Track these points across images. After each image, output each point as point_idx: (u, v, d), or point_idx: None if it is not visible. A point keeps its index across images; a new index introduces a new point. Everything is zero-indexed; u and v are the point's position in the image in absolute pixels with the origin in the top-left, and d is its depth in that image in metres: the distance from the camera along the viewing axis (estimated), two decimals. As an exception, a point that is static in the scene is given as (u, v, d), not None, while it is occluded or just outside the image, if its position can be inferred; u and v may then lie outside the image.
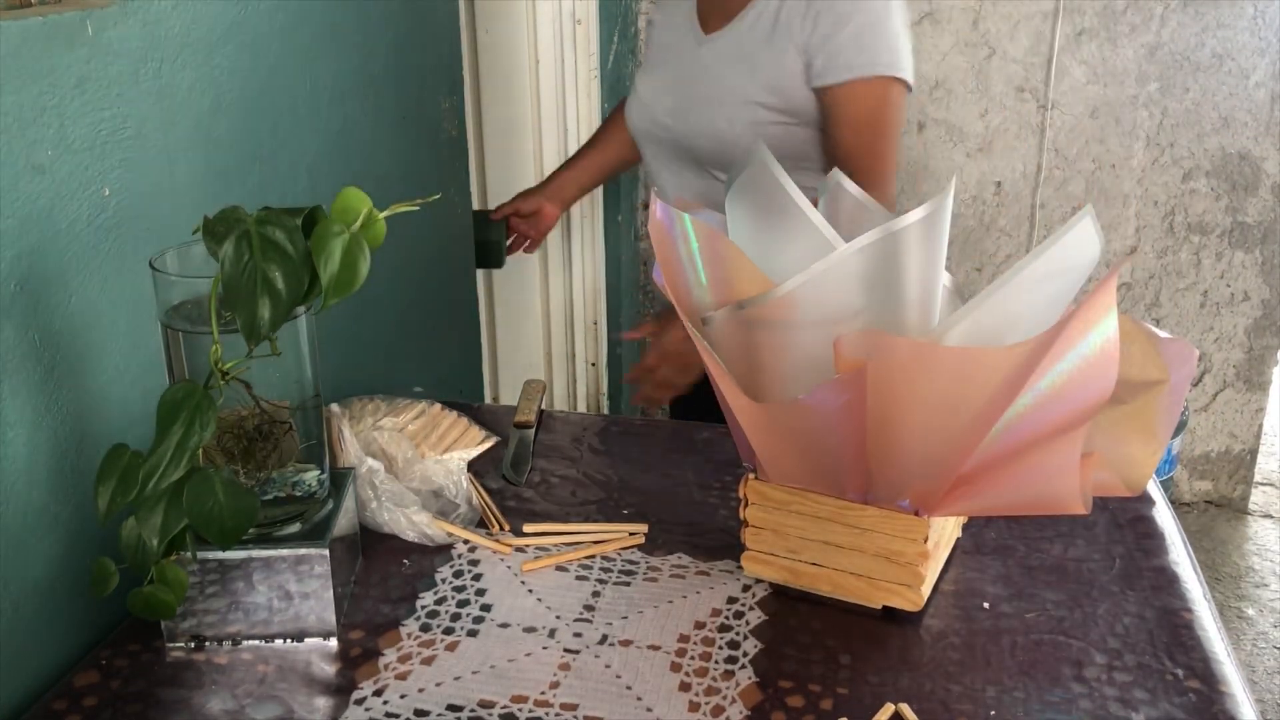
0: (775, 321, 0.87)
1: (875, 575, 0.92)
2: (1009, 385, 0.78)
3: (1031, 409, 0.79)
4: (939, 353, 0.80)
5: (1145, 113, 2.70)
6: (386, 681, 0.85)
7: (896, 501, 0.89)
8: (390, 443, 1.09)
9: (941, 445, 0.83)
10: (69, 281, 0.88)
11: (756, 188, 0.96)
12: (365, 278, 0.81)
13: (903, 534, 0.89)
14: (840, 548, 0.92)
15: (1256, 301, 2.82)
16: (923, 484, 0.87)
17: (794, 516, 0.93)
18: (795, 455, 0.90)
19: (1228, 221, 2.77)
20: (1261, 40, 2.61)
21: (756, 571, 0.96)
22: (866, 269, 0.84)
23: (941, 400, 0.81)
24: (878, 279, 0.85)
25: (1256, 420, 2.92)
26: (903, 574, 0.91)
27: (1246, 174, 2.72)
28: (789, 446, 0.90)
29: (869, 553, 0.91)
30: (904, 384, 0.81)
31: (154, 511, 0.79)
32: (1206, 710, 0.82)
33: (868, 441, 0.85)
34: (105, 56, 0.90)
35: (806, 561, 0.94)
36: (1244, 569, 2.70)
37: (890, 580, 0.91)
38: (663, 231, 0.92)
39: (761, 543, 0.95)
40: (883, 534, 0.90)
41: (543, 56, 2.09)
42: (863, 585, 0.92)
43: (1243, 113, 2.67)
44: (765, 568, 0.96)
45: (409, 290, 1.53)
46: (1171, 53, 2.65)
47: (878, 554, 0.91)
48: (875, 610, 0.93)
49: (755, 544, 0.96)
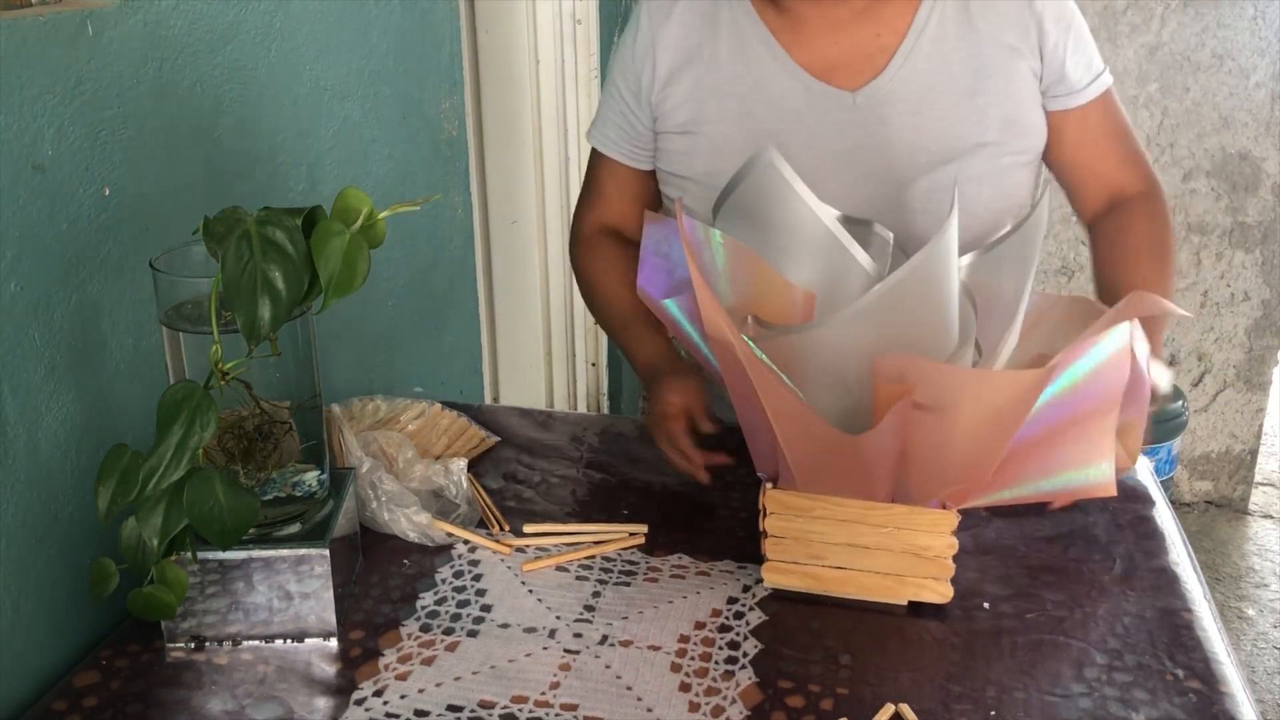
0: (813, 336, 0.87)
1: (903, 572, 0.91)
2: (1030, 397, 0.81)
3: (1054, 403, 0.82)
4: (978, 378, 0.82)
5: (1145, 113, 2.70)
6: (386, 682, 0.85)
7: (928, 503, 0.90)
8: (390, 443, 1.09)
9: (978, 453, 0.84)
10: (69, 281, 0.88)
11: (763, 196, 0.93)
12: (365, 278, 0.81)
13: (931, 528, 0.89)
14: (866, 548, 0.91)
15: (1256, 301, 2.82)
16: (956, 487, 0.88)
17: (817, 522, 0.92)
18: (831, 468, 0.89)
19: (1228, 221, 2.77)
20: (1261, 40, 2.61)
21: (778, 582, 0.95)
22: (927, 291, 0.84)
23: (980, 417, 0.82)
24: (935, 300, 0.85)
25: (1256, 420, 2.92)
26: (931, 568, 0.91)
27: (1246, 174, 2.72)
28: (827, 458, 0.89)
29: (896, 550, 0.91)
30: (946, 406, 0.81)
31: (154, 512, 0.79)
32: (1206, 710, 0.82)
33: (908, 459, 0.86)
34: (105, 56, 0.90)
35: (831, 566, 0.93)
36: (1244, 569, 2.70)
37: (919, 575, 0.91)
38: (690, 245, 0.90)
39: (783, 552, 0.93)
40: (910, 530, 0.90)
41: (543, 56, 2.09)
42: (890, 583, 0.92)
43: (1243, 113, 2.67)
44: (788, 577, 0.94)
45: (409, 290, 1.53)
46: (1171, 53, 2.65)
47: (905, 551, 0.90)
48: (875, 610, 0.93)
49: (777, 554, 0.94)
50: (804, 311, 0.95)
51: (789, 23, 1.13)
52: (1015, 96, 1.12)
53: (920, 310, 0.84)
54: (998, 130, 1.12)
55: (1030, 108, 1.14)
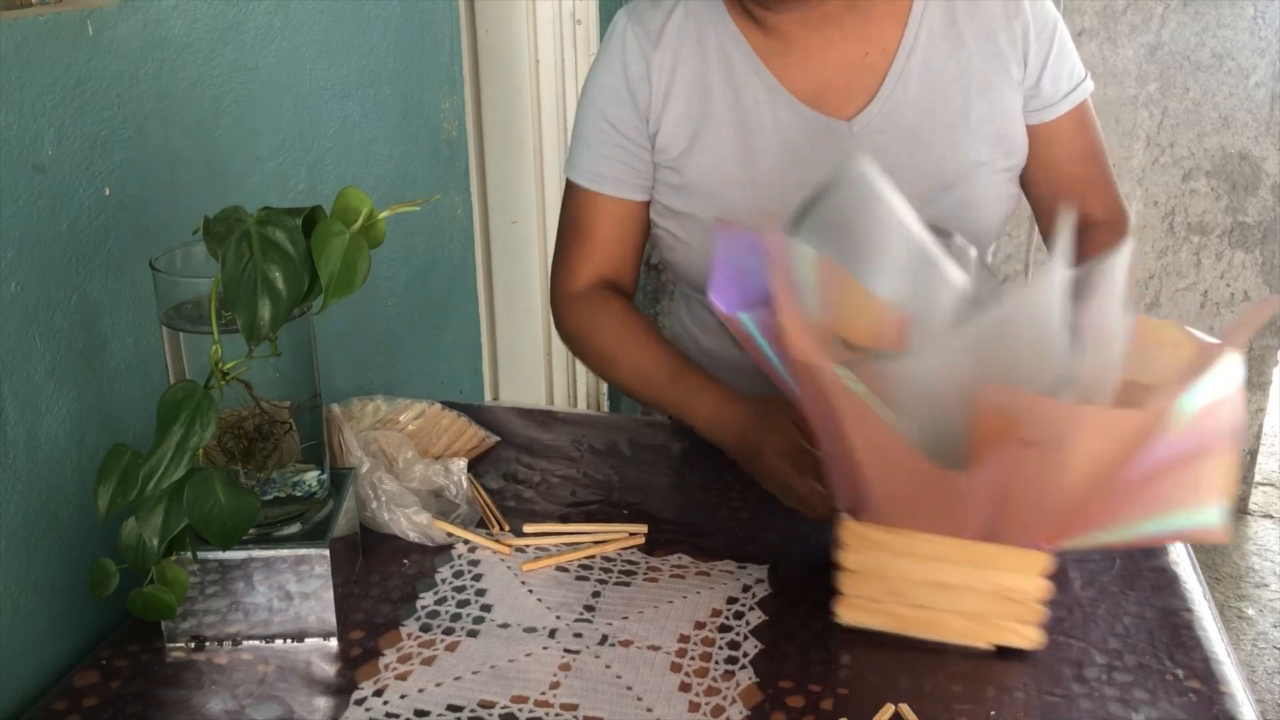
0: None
1: (989, 614, 0.86)
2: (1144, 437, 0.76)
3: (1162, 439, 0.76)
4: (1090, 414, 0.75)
5: (1145, 113, 2.70)
6: (386, 682, 0.85)
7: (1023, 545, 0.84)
8: (390, 443, 1.09)
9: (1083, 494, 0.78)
10: (69, 281, 0.88)
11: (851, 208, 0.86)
12: (365, 278, 0.81)
13: (1021, 569, 0.83)
14: (950, 587, 0.85)
15: (1256, 301, 2.82)
16: (1054, 527, 0.82)
17: (897, 558, 0.86)
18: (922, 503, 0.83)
19: (1228, 221, 2.77)
20: (1261, 40, 2.61)
21: (854, 619, 0.89)
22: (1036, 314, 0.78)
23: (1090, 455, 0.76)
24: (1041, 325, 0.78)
25: (1256, 420, 2.92)
26: (1019, 611, 0.85)
27: (1246, 174, 2.73)
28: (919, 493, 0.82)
29: (982, 590, 0.85)
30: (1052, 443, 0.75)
31: (154, 511, 0.80)
32: (1206, 710, 0.82)
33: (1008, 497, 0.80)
34: (105, 56, 0.90)
35: (911, 605, 0.87)
36: (1244, 569, 2.70)
37: (1005, 618, 0.85)
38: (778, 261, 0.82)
39: (860, 588, 0.87)
40: (998, 570, 0.84)
41: (543, 56, 2.09)
42: (974, 626, 0.86)
43: (1243, 113, 2.67)
44: (864, 614, 0.88)
45: (409, 290, 1.53)
46: (1171, 53, 2.65)
47: (991, 591, 0.84)
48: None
49: (853, 589, 0.88)
50: (895, 333, 0.88)
51: (776, 45, 1.11)
52: (1004, 110, 1.11)
53: (1024, 341, 0.78)
54: (990, 148, 1.11)
55: (1016, 119, 1.13)
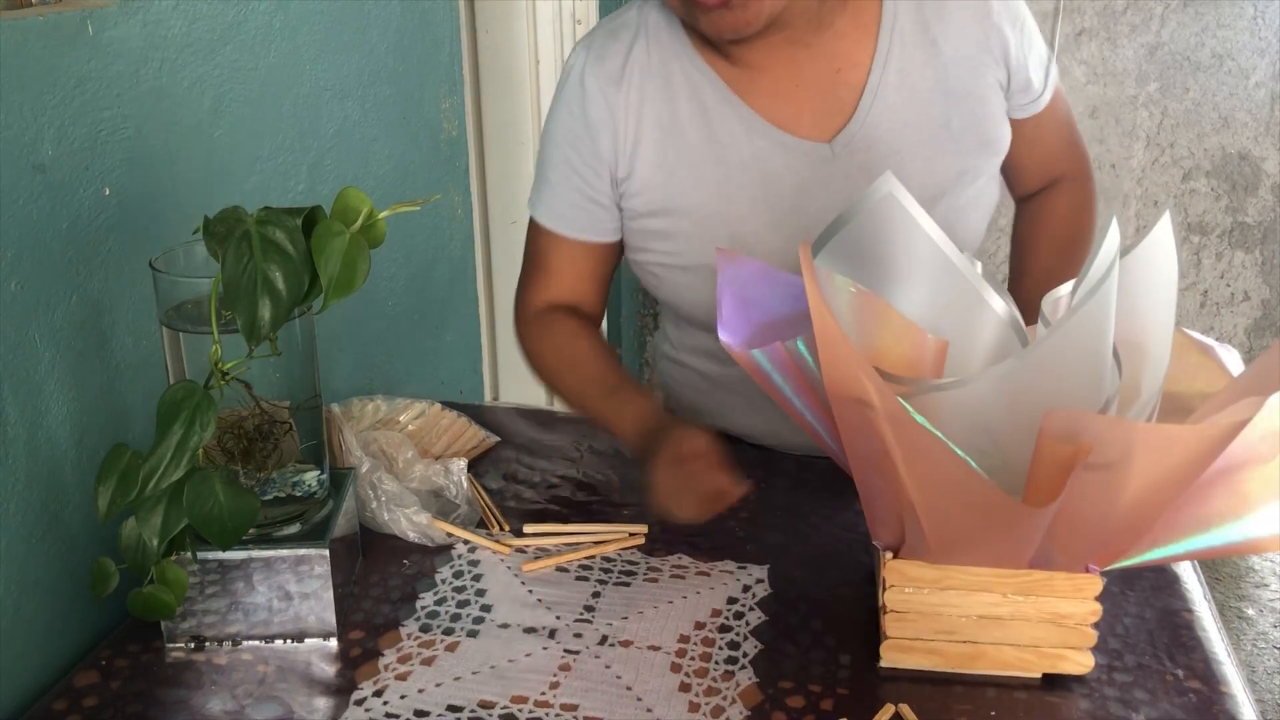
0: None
1: (1040, 643, 0.83)
2: (1213, 453, 0.74)
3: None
4: (1158, 433, 0.74)
5: (1145, 113, 2.70)
6: (386, 682, 0.85)
7: (1075, 568, 0.81)
8: (390, 443, 1.09)
9: (1141, 514, 0.77)
10: (69, 281, 0.88)
11: (880, 232, 0.84)
12: (365, 278, 0.81)
13: (1073, 594, 0.81)
14: (999, 619, 0.83)
15: (1256, 301, 2.82)
16: (1109, 548, 0.80)
17: (945, 593, 0.83)
18: (976, 536, 0.80)
19: (1228, 221, 2.77)
20: (1261, 40, 2.61)
21: (900, 661, 0.85)
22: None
23: (1153, 475, 0.74)
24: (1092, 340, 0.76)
25: (1256, 420, 2.92)
26: (1072, 636, 0.82)
27: (1246, 174, 2.73)
28: (975, 526, 0.79)
29: (1033, 619, 0.82)
30: (1115, 464, 0.73)
31: (154, 512, 0.80)
32: (1206, 710, 0.82)
33: (1064, 520, 0.77)
34: (105, 56, 0.90)
35: (959, 640, 0.84)
36: (1244, 569, 2.70)
37: (1057, 645, 0.83)
38: (815, 293, 0.76)
39: (906, 629, 0.84)
40: (1049, 596, 0.81)
41: (543, 56, 2.09)
42: (1027, 656, 0.84)
43: (1243, 113, 2.67)
44: (911, 655, 0.85)
45: (409, 290, 1.53)
46: (1171, 53, 2.65)
47: (1043, 619, 0.82)
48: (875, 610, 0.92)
49: (899, 631, 0.84)
50: (935, 361, 0.86)
51: (745, 73, 1.07)
52: (985, 114, 1.09)
53: (1077, 364, 0.76)
54: (973, 153, 1.09)
55: (999, 121, 1.11)
